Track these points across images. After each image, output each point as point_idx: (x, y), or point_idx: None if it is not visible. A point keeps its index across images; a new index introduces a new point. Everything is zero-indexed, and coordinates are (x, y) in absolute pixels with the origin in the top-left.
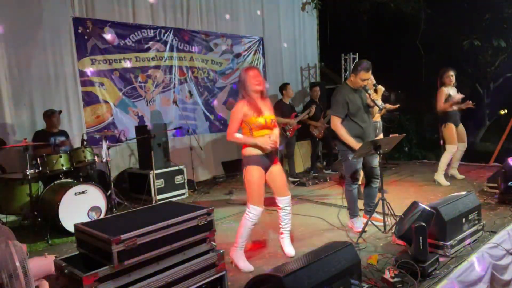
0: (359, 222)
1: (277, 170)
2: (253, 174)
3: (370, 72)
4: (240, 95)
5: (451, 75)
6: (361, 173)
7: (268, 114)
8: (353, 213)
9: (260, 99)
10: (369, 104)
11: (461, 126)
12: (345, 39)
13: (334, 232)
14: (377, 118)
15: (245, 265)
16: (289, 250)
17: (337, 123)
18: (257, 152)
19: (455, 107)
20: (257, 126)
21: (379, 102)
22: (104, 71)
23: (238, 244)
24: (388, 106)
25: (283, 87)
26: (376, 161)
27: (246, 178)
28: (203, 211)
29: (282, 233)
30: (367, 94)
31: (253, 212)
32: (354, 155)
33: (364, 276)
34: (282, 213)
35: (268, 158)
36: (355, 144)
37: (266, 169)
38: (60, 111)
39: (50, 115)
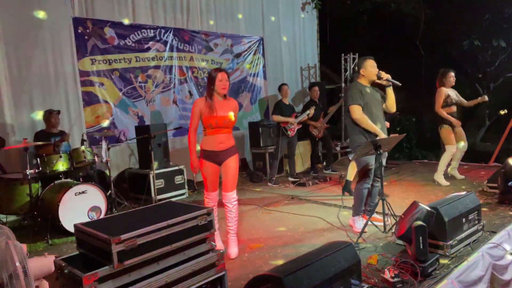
0: (359, 222)
1: (231, 166)
2: (206, 168)
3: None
4: (205, 91)
5: (452, 76)
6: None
7: (222, 115)
8: (356, 211)
9: (223, 99)
10: (385, 84)
11: (459, 127)
12: (345, 39)
13: (334, 232)
14: None
15: (219, 245)
16: (232, 251)
17: (359, 112)
18: (210, 148)
19: (453, 108)
20: (208, 126)
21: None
22: (104, 71)
23: None
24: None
25: (279, 88)
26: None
27: (201, 169)
28: (203, 211)
29: (228, 232)
30: (379, 80)
31: (208, 197)
32: (354, 155)
33: (364, 276)
34: (226, 210)
35: (222, 154)
36: (379, 131)
37: (219, 163)
38: (59, 111)
39: (48, 115)
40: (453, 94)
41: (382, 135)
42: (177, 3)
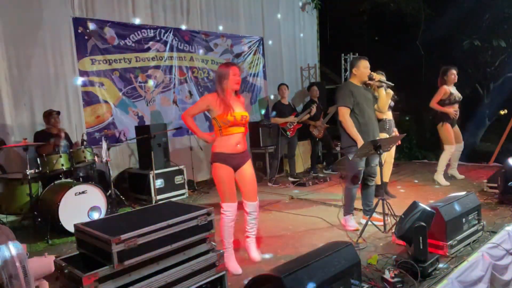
0: (352, 221)
1: (248, 172)
2: (221, 172)
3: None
4: (216, 88)
5: (454, 73)
6: (378, 172)
7: (239, 111)
8: (347, 211)
9: (234, 96)
10: (377, 85)
11: (456, 127)
12: (345, 39)
13: (334, 232)
14: (389, 116)
15: (234, 267)
16: (255, 255)
17: (345, 114)
18: (226, 150)
19: (456, 107)
20: (225, 123)
21: (389, 82)
22: (104, 71)
23: (225, 245)
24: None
25: (278, 88)
26: (376, 160)
27: (214, 176)
28: (203, 211)
29: (248, 237)
30: (371, 82)
31: (228, 209)
32: (354, 155)
33: (364, 276)
34: (249, 218)
35: (238, 157)
36: (360, 139)
37: (235, 168)
38: (58, 112)
39: (48, 115)
40: (455, 92)
41: (360, 141)
42: (177, 3)
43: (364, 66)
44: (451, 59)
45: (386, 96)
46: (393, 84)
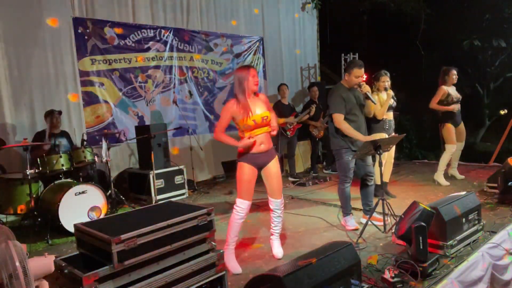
0: (351, 221)
1: (274, 171)
2: (244, 170)
3: (363, 69)
4: (235, 92)
5: (455, 74)
6: (377, 172)
7: (259, 113)
8: (346, 211)
9: (254, 96)
10: (364, 98)
11: (462, 125)
12: (345, 39)
13: (334, 232)
14: (389, 116)
15: (234, 266)
16: (278, 251)
17: (340, 120)
18: (250, 150)
19: (455, 107)
20: (247, 128)
21: (375, 97)
22: (104, 71)
23: (228, 241)
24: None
25: (278, 88)
26: (369, 159)
27: (237, 173)
28: (203, 211)
29: (272, 234)
30: (359, 89)
31: (241, 205)
32: (354, 155)
33: (364, 276)
34: (273, 215)
35: (263, 156)
36: (363, 137)
37: (260, 167)
38: (60, 112)
39: (49, 115)
40: (454, 92)
41: (364, 139)
42: (177, 3)
43: (355, 75)
44: (451, 59)
45: (387, 97)
46: (376, 103)
